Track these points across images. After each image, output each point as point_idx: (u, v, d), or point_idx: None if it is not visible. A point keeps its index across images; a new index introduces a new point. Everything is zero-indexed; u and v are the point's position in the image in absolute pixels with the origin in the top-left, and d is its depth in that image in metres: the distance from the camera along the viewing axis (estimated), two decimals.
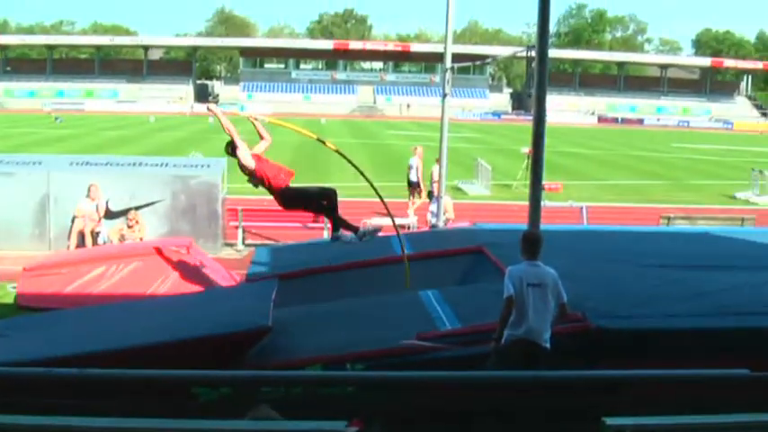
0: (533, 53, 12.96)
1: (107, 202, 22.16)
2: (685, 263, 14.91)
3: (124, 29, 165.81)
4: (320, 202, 13.89)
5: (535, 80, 11.79)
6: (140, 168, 24.14)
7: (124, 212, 21.94)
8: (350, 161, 14.12)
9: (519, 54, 17.57)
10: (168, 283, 16.22)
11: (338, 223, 13.83)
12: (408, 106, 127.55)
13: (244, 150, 13.13)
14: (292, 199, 13.69)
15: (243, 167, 13.28)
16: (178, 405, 8.27)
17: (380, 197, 14.69)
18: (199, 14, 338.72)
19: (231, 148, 13.27)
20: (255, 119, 13.95)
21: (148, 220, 22.17)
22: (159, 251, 17.01)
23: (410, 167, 29.32)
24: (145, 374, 8.23)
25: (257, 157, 13.30)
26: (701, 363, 9.22)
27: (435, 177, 24.61)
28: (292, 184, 13.52)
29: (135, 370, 8.26)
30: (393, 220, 15.02)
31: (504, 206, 31.03)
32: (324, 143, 13.96)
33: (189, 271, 16.61)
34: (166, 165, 24.88)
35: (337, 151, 13.99)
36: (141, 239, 20.97)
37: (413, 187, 29.29)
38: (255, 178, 13.31)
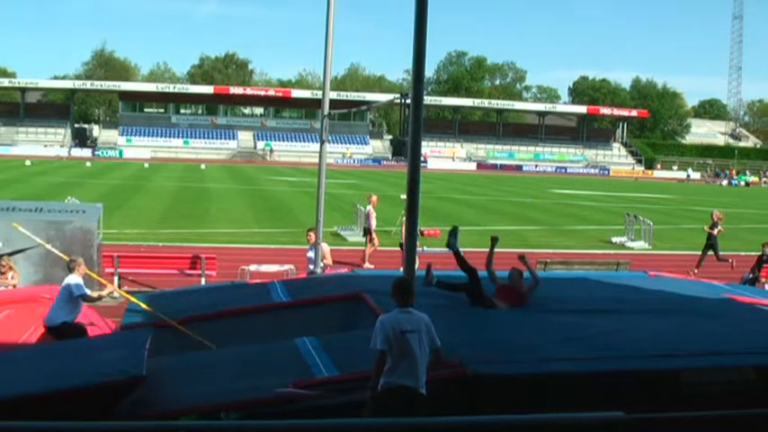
0: (408, 101, 12.98)
1: None
2: (561, 307, 15.14)
3: (2, 69, 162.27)
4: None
5: (410, 128, 11.78)
6: (14, 214, 23.39)
7: None
8: None
9: (395, 101, 17.62)
10: (40, 332, 15.78)
11: None
12: (272, 151, 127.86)
13: None
14: None
15: None
16: None
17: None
18: (78, 56, 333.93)
19: None
20: None
21: (22, 266, 21.57)
22: (31, 299, 16.57)
23: (366, 216, 30.53)
24: (9, 426, 7.95)
25: None
26: (576, 406, 9.30)
27: None
28: None
29: None
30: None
31: (383, 252, 31.04)
32: None
33: None
34: (41, 210, 24.11)
35: None
36: (15, 287, 20.40)
37: (368, 235, 30.33)
38: None
